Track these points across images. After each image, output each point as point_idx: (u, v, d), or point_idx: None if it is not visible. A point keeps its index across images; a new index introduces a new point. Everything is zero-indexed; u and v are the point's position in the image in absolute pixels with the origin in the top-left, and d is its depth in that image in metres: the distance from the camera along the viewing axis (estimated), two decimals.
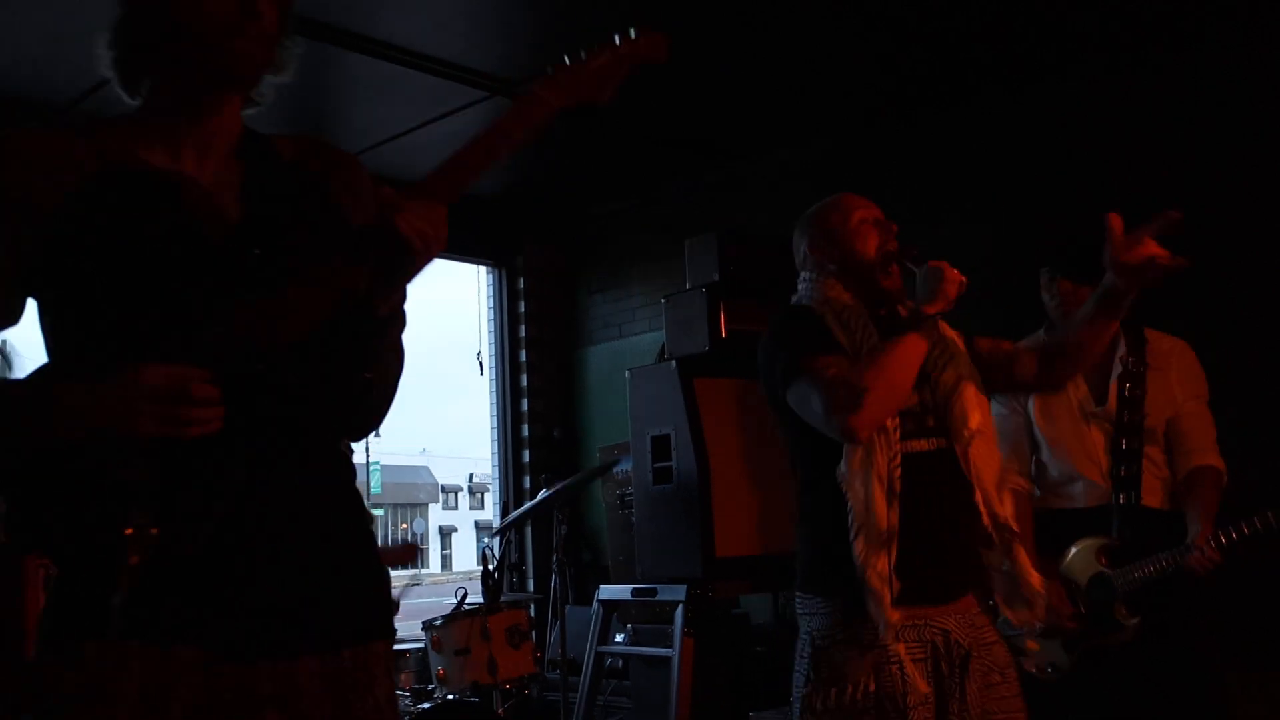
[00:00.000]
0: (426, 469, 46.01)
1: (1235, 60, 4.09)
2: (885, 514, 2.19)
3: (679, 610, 4.07)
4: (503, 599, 4.02)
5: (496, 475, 6.46)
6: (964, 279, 2.28)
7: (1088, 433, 3.23)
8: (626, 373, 4.60)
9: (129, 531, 1.41)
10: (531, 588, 6.09)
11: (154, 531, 1.41)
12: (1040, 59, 4.46)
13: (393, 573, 4.47)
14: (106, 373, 1.44)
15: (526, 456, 6.35)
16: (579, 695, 4.46)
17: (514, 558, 5.95)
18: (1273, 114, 3.99)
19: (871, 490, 2.21)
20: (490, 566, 4.00)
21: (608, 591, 4.58)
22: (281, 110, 5.66)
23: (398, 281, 1.56)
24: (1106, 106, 4.41)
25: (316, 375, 1.57)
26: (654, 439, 4.34)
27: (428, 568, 43.10)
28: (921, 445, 2.28)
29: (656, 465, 4.32)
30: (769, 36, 4.31)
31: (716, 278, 4.42)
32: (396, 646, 4.03)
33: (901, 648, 2.18)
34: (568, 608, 4.44)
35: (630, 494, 4.75)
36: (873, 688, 2.18)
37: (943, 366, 2.34)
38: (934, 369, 2.33)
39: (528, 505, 4.76)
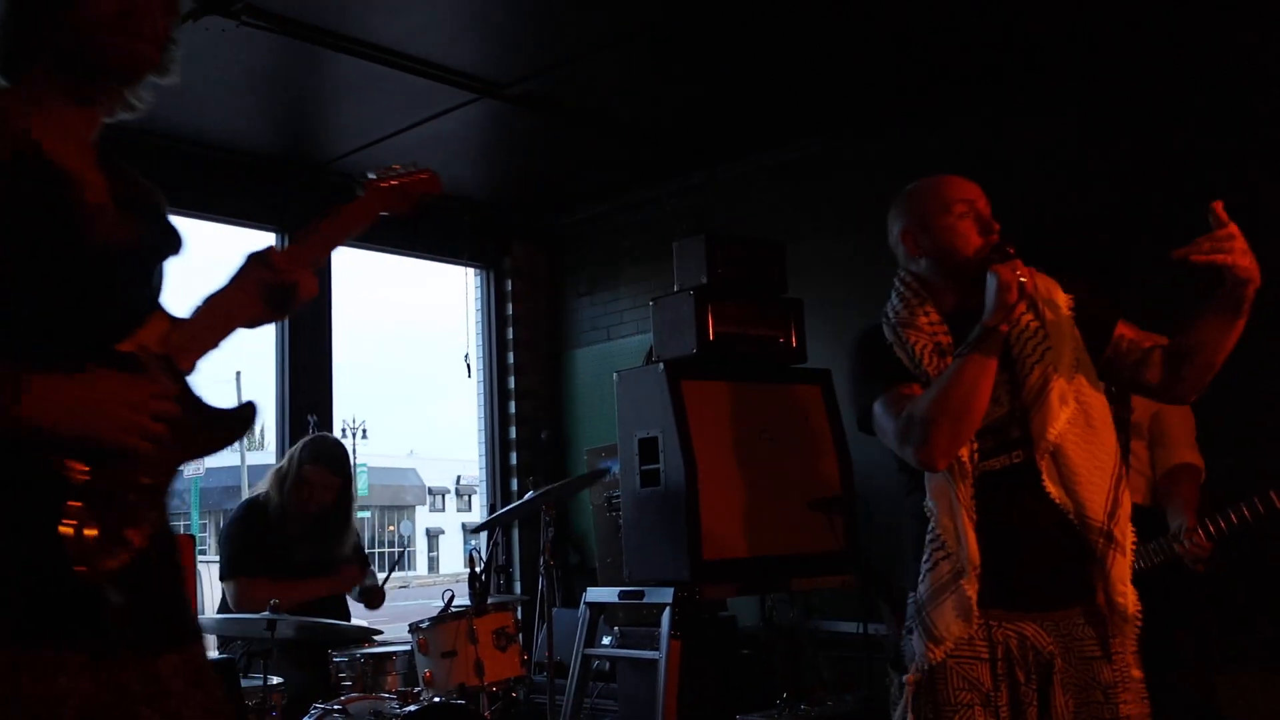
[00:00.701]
0: (414, 471, 45.85)
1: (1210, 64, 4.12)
2: (972, 535, 2.14)
3: (666, 613, 4.07)
4: (490, 601, 4.01)
5: (484, 477, 6.46)
6: (1024, 278, 2.13)
7: None
8: (614, 375, 4.60)
9: (71, 532, 1.45)
10: (519, 590, 6.09)
11: (92, 534, 1.46)
12: (1036, 63, 4.47)
13: (383, 576, 4.46)
14: (76, 369, 1.47)
15: (514, 459, 6.35)
16: (566, 697, 4.46)
17: (501, 560, 5.94)
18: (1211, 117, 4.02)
19: (953, 515, 2.17)
20: (477, 569, 3.98)
21: (595, 594, 4.58)
22: (275, 110, 5.69)
23: (260, 325, 1.79)
24: (1109, 102, 4.43)
25: (203, 400, 1.69)
26: (641, 441, 4.33)
27: (415, 570, 42.99)
28: (997, 463, 2.20)
29: (644, 468, 4.31)
30: (759, 38, 4.32)
31: (705, 280, 4.41)
32: (385, 649, 4.02)
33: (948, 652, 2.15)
34: (555, 610, 4.43)
35: (618, 496, 4.75)
36: (920, 677, 2.18)
37: (1030, 367, 2.22)
38: (1022, 369, 2.22)
39: (513, 504, 4.76)
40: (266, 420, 9.71)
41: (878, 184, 4.96)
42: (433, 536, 46.31)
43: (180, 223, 1.83)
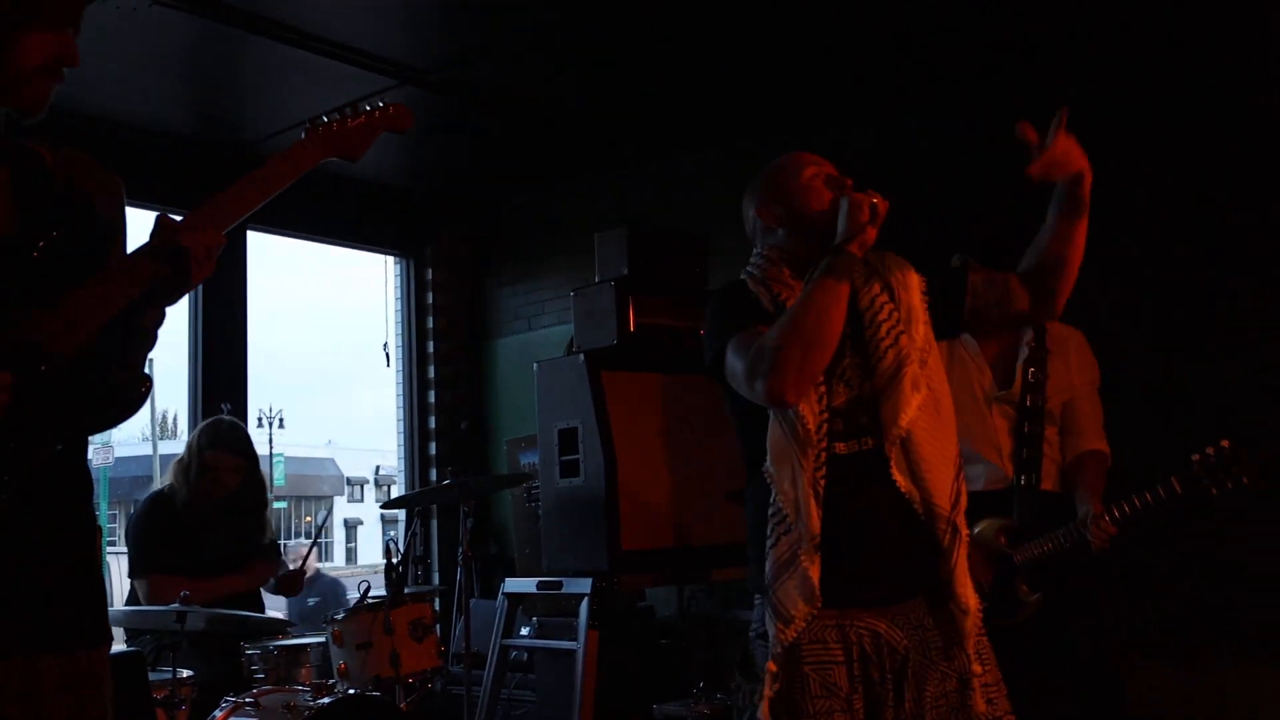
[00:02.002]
0: (332, 461, 45.26)
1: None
2: (812, 514, 2.06)
3: (584, 603, 4.08)
4: (406, 591, 3.98)
5: (402, 467, 6.40)
6: (876, 200, 2.11)
7: (989, 416, 3.31)
8: (535, 365, 4.59)
9: None
10: (437, 580, 6.05)
11: None
12: (1037, 46, 4.48)
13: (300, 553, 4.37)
14: None
15: (433, 449, 6.30)
16: (483, 688, 4.45)
17: (419, 550, 5.90)
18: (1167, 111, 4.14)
19: (794, 491, 2.09)
20: (394, 559, 3.95)
21: (513, 584, 4.57)
22: (191, 92, 5.56)
23: (169, 298, 1.71)
24: (1095, 96, 4.48)
25: (91, 377, 1.65)
26: (561, 432, 4.34)
27: (332, 561, 42.45)
28: (845, 448, 2.14)
29: (563, 458, 4.32)
30: (687, 33, 4.33)
31: (626, 272, 4.43)
32: (299, 640, 3.97)
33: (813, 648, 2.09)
34: (473, 601, 4.41)
35: (538, 488, 4.74)
36: (779, 688, 2.09)
37: (884, 350, 2.17)
38: (875, 353, 2.18)
39: (428, 489, 4.73)
40: (178, 407, 9.49)
41: (857, 176, 5.01)
42: (351, 527, 45.77)
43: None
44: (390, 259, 6.49)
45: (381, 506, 5.60)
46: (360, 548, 44.92)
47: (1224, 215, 4.07)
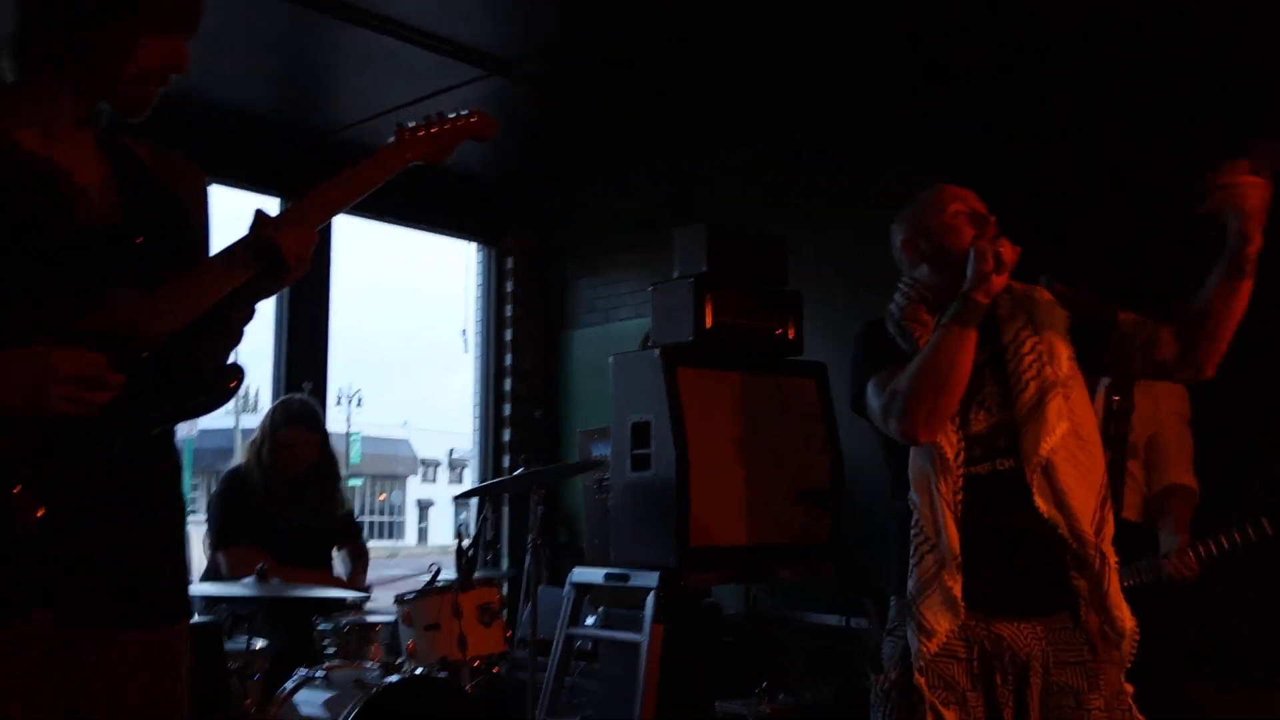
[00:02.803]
0: (406, 442, 45.92)
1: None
2: (953, 533, 2.18)
3: (650, 598, 4.09)
4: (476, 576, 4.03)
5: (476, 452, 6.48)
6: (1001, 250, 2.16)
7: None
8: (610, 358, 4.61)
9: (17, 491, 1.49)
10: (505, 566, 6.11)
11: (38, 508, 1.50)
12: (1051, 45, 4.46)
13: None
14: (6, 346, 1.50)
15: (507, 435, 6.37)
16: (547, 676, 4.48)
17: (489, 535, 5.97)
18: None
19: (937, 512, 2.20)
20: (465, 544, 4.01)
21: (581, 574, 4.59)
22: (280, 77, 5.69)
23: (260, 294, 1.75)
24: (1108, 95, 4.42)
25: (182, 366, 1.68)
26: (634, 426, 4.35)
27: (405, 540, 43.10)
28: (982, 469, 2.24)
29: (636, 452, 4.32)
30: (765, 24, 4.32)
31: (705, 268, 4.41)
32: (370, 619, 4.05)
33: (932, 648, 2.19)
34: (541, 588, 4.45)
35: (609, 479, 4.77)
36: (895, 677, 2.24)
37: (1025, 381, 2.25)
38: (1016, 383, 2.25)
39: (501, 479, 4.77)
40: (260, 383, 9.71)
41: (879, 176, 5.00)
42: (423, 507, 46.41)
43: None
44: (472, 246, 6.56)
45: (455, 499, 5.68)
46: (432, 528, 45.52)
47: None
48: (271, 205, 5.47)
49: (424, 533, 45.50)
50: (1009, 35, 4.37)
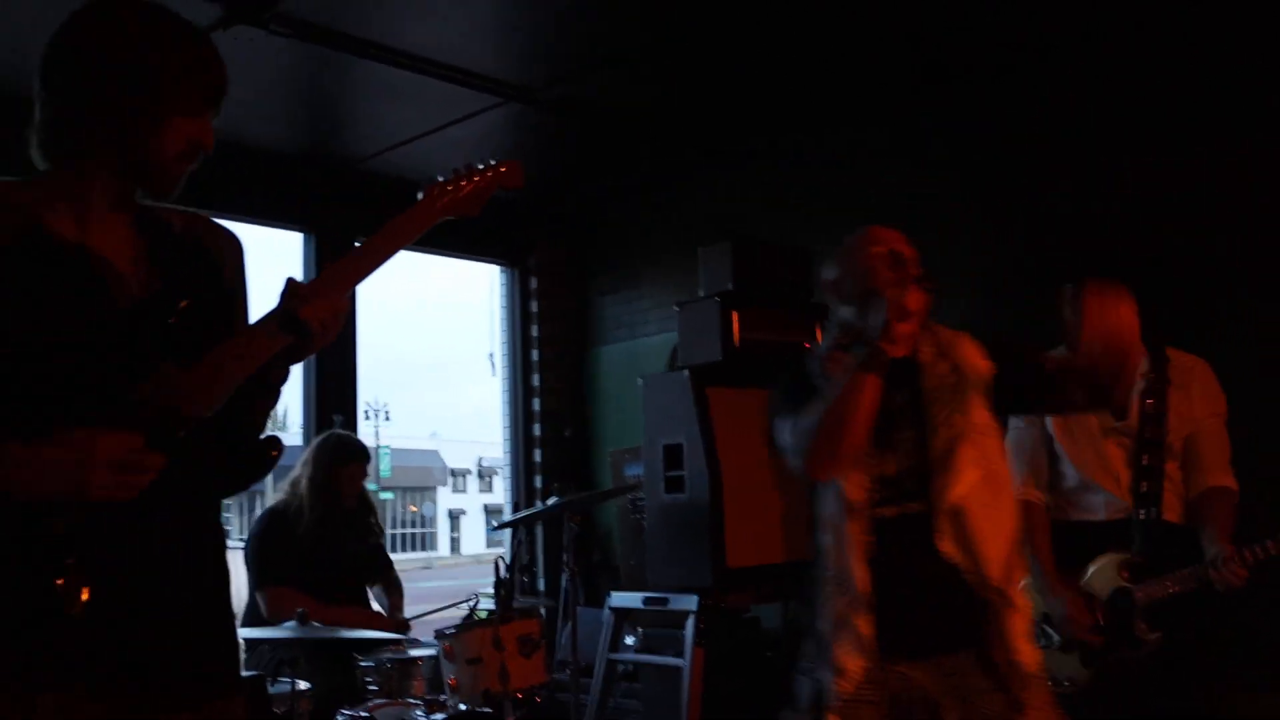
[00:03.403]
0: (435, 453, 46.08)
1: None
2: (859, 575, 2.26)
3: (690, 621, 4.08)
4: (515, 605, 4.03)
5: (508, 474, 6.48)
6: (906, 300, 2.28)
7: (1106, 447, 3.23)
8: (639, 380, 4.60)
9: (60, 581, 1.49)
10: (542, 587, 6.12)
11: (85, 590, 1.51)
12: (1077, 46, 4.42)
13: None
14: (42, 433, 1.51)
15: (537, 455, 6.37)
16: (589, 701, 4.48)
17: (525, 559, 5.97)
18: None
19: (843, 553, 2.29)
20: (502, 575, 4.00)
21: (619, 599, 4.59)
22: (302, 113, 5.69)
23: (293, 360, 1.74)
24: (1108, 94, 4.38)
25: (221, 441, 1.69)
26: (666, 448, 4.34)
27: (437, 550, 43.24)
28: (891, 512, 2.32)
29: (669, 474, 4.32)
30: (779, 36, 4.30)
31: (730, 286, 4.41)
32: (413, 653, 4.05)
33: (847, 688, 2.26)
34: (578, 609, 4.44)
35: (643, 499, 4.77)
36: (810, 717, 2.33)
37: (937, 428, 2.34)
38: (930, 430, 2.34)
39: (535, 510, 4.77)
40: (290, 403, 9.76)
41: (907, 186, 4.97)
42: (455, 517, 46.55)
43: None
44: (495, 267, 6.56)
45: (493, 529, 5.69)
46: (464, 538, 45.66)
47: None
48: (296, 240, 5.50)
49: (456, 543, 45.63)
50: (1017, 35, 4.33)
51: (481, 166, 1.95)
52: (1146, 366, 3.22)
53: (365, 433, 5.90)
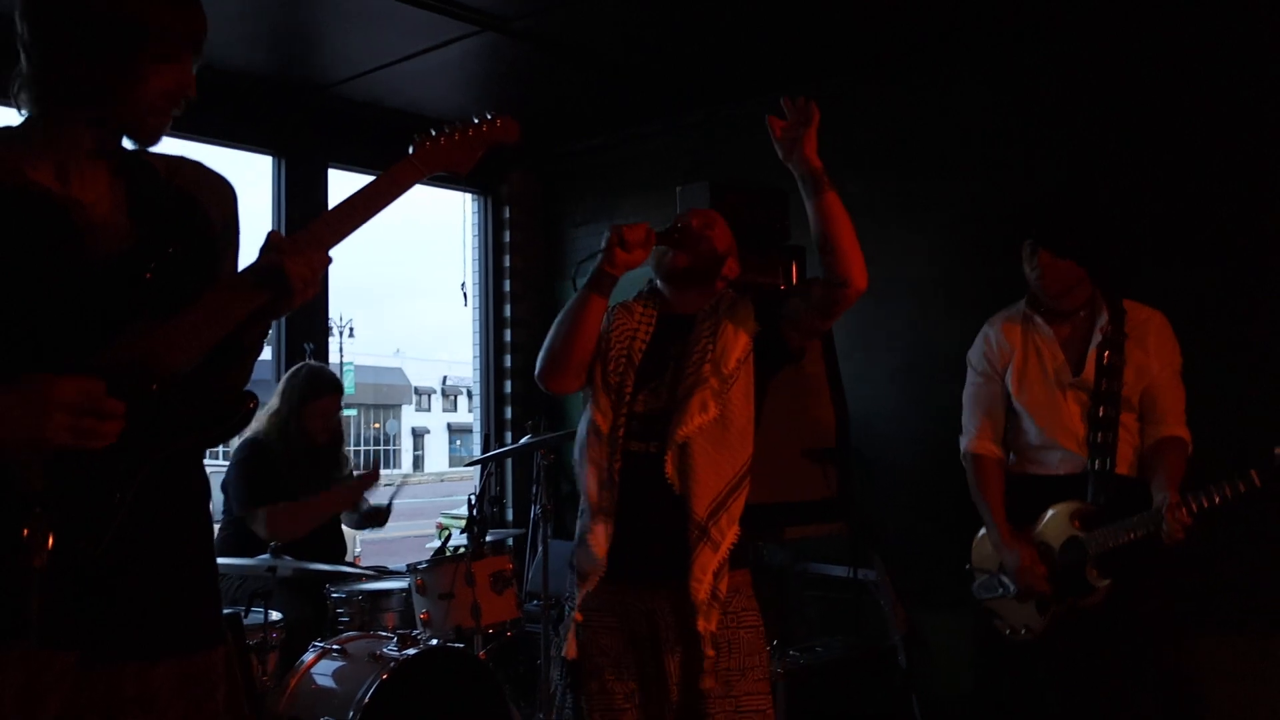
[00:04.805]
0: (400, 370, 45.99)
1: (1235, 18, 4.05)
2: (597, 496, 2.52)
3: None
4: (486, 539, 4.06)
5: (478, 405, 6.48)
6: (624, 232, 2.56)
7: (1063, 402, 3.28)
8: (610, 309, 4.57)
9: (26, 533, 1.49)
10: (510, 518, 6.16)
11: (50, 539, 1.50)
12: (1043, 15, 4.40)
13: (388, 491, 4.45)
14: (7, 381, 1.50)
15: (509, 387, 6.37)
16: (560, 633, 4.51)
17: (494, 490, 6.00)
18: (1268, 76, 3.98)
19: (587, 475, 2.56)
20: (474, 513, 4.03)
21: None
22: (271, 37, 5.55)
23: (272, 316, 1.74)
24: (1098, 68, 4.37)
25: (197, 395, 1.68)
26: None
27: (400, 468, 43.36)
28: (638, 447, 2.54)
29: None
30: None
31: None
32: (383, 585, 4.08)
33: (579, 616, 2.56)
34: (549, 541, 4.45)
35: None
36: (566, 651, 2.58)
37: (687, 373, 2.55)
38: (681, 378, 2.56)
39: (509, 448, 4.78)
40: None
41: (884, 130, 4.94)
42: (418, 435, 46.65)
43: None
44: (468, 195, 6.49)
45: (465, 464, 5.69)
46: (428, 456, 45.79)
47: None
48: (267, 163, 5.40)
49: (419, 460, 45.77)
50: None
51: (476, 121, 1.93)
52: (1105, 320, 3.26)
53: (330, 349, 5.86)
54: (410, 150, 1.86)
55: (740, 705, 2.49)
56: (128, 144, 1.75)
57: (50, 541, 1.49)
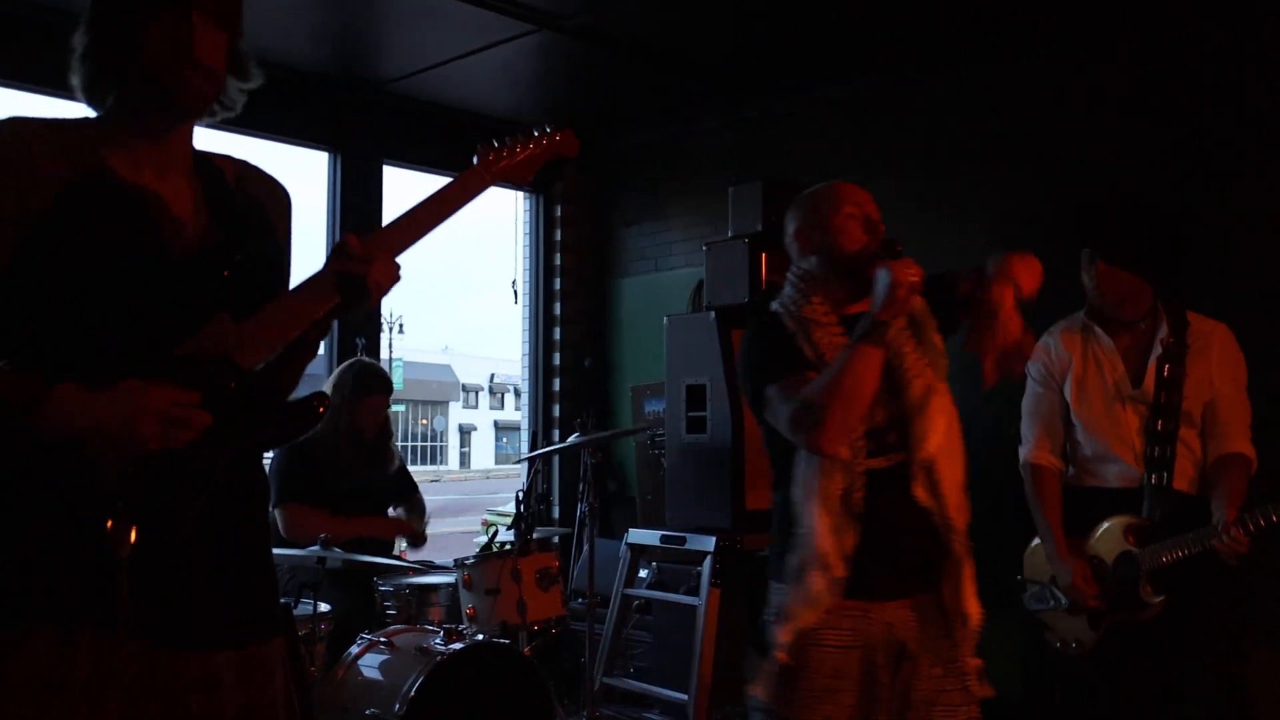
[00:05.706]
0: (448, 367, 46.31)
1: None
2: (833, 541, 2.25)
3: (707, 561, 4.12)
4: (534, 537, 4.07)
5: (527, 403, 6.50)
6: (914, 279, 2.21)
7: (1122, 414, 3.22)
8: (664, 319, 4.58)
9: (110, 526, 1.51)
10: (557, 515, 6.17)
11: (133, 532, 1.52)
12: (1103, 20, 4.33)
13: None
14: (101, 382, 1.53)
15: (557, 384, 6.38)
16: (604, 634, 4.53)
17: (541, 488, 6.02)
18: None
19: (816, 515, 2.26)
20: (522, 509, 4.04)
21: (636, 536, 4.61)
22: (330, 34, 5.61)
23: (338, 317, 1.77)
24: (1159, 77, 4.29)
25: (267, 393, 1.71)
26: (689, 388, 4.34)
27: (446, 464, 43.68)
28: (879, 463, 2.31)
29: (691, 414, 4.32)
30: None
31: (760, 227, 4.36)
32: (430, 579, 4.10)
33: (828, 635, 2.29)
34: (595, 540, 4.46)
35: (661, 435, 4.78)
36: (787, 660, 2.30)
37: (910, 379, 2.34)
38: (904, 382, 2.34)
39: (556, 446, 4.78)
40: None
41: (935, 126, 4.89)
42: (465, 432, 46.96)
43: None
44: (520, 194, 6.51)
45: (515, 461, 5.71)
46: (474, 453, 46.08)
47: None
48: (323, 159, 5.45)
49: (465, 457, 46.08)
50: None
51: (536, 134, 1.97)
52: (1165, 331, 3.19)
53: (380, 345, 5.93)
54: (475, 160, 1.89)
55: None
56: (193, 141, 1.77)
57: (133, 535, 1.52)
